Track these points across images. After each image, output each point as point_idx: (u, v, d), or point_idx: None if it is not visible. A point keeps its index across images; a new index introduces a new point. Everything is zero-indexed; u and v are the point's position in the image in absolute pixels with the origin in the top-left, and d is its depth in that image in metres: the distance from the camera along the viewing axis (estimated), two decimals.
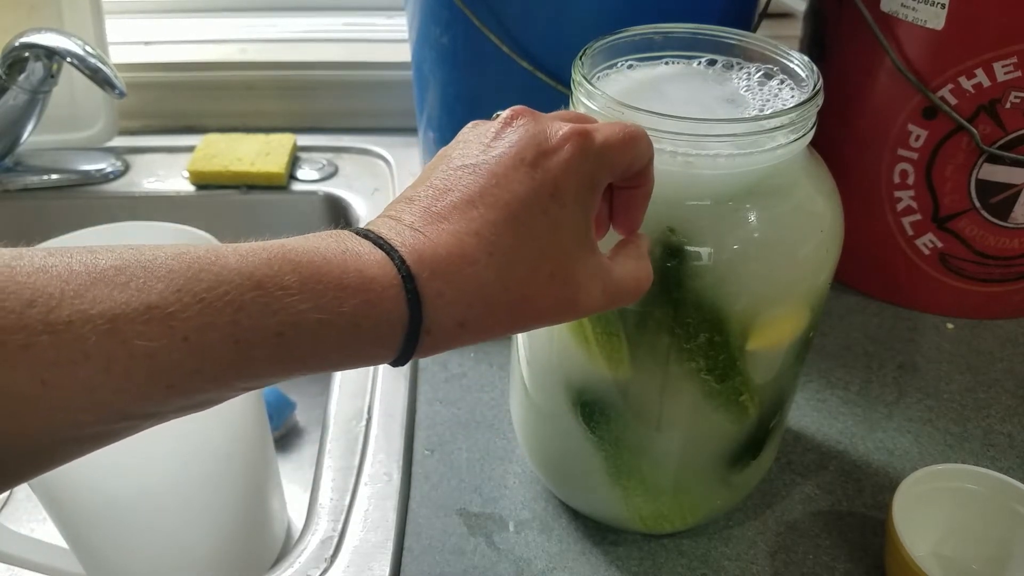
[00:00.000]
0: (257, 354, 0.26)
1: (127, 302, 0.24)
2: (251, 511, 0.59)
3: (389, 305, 0.28)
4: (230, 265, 0.26)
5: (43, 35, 0.70)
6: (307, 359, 0.28)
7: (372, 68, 0.91)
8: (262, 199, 0.83)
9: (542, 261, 0.31)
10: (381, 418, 0.58)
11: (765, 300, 0.40)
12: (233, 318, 0.26)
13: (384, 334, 0.29)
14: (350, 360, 0.29)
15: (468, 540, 0.50)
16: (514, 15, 0.59)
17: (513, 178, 0.31)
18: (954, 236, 0.65)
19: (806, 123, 0.39)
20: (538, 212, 0.31)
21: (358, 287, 0.28)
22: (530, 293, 0.31)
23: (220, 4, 1.00)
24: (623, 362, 0.42)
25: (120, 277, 0.25)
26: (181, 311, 0.25)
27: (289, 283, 0.27)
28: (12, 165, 0.81)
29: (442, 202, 0.31)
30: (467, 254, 0.29)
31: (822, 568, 0.49)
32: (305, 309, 0.27)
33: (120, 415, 0.25)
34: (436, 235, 0.30)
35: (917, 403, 0.60)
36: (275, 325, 0.26)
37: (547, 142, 0.32)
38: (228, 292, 0.26)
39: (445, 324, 0.30)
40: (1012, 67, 0.56)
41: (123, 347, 0.24)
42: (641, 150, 0.34)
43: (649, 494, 0.47)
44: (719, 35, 0.44)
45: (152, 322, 0.24)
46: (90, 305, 0.24)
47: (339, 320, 0.27)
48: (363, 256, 0.29)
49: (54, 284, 0.24)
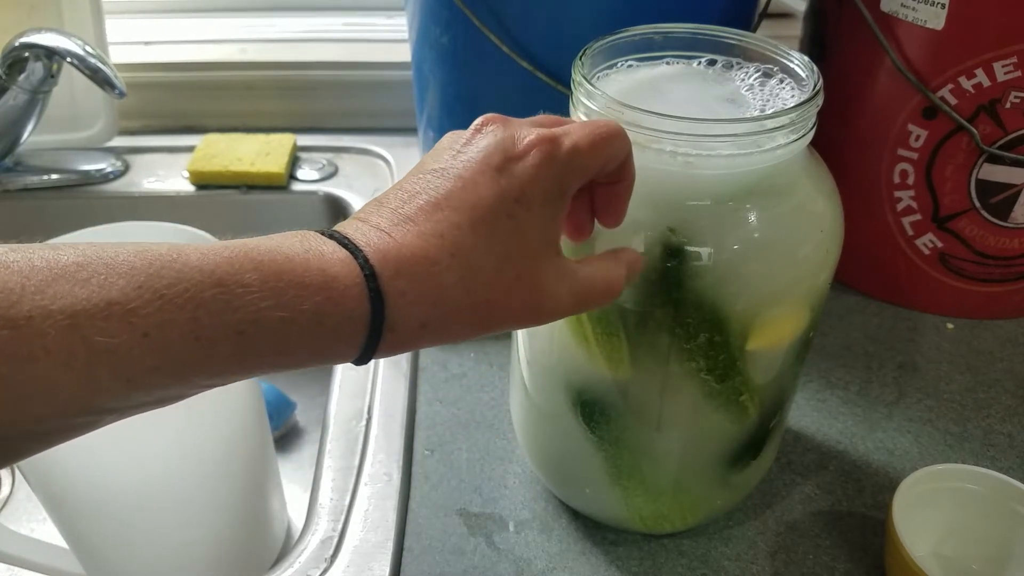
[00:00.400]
0: (218, 351, 0.27)
1: (88, 298, 0.25)
2: (251, 511, 0.59)
3: (352, 303, 0.29)
4: (191, 263, 0.26)
5: (43, 35, 0.70)
6: (269, 356, 0.28)
7: (372, 68, 0.91)
8: (262, 199, 0.83)
9: (506, 264, 0.31)
10: (381, 418, 0.58)
11: (765, 300, 0.41)
12: (193, 315, 0.26)
13: (346, 332, 0.29)
14: (313, 357, 0.29)
15: (468, 540, 0.50)
16: (514, 15, 0.59)
17: (479, 182, 0.31)
18: (954, 236, 0.65)
19: (806, 123, 0.39)
20: (503, 216, 0.31)
21: (320, 285, 0.28)
22: (493, 296, 0.31)
23: (220, 4, 1.00)
24: (623, 362, 0.42)
25: (81, 273, 0.25)
26: (142, 307, 0.25)
27: (250, 280, 0.27)
28: (12, 165, 0.81)
29: (410, 205, 0.31)
30: (430, 255, 0.30)
31: (822, 568, 0.49)
32: (266, 307, 0.27)
33: (80, 410, 0.25)
34: (401, 236, 0.30)
35: (917, 403, 0.60)
36: (236, 323, 0.26)
37: (514, 148, 0.32)
38: (188, 289, 0.26)
39: (407, 324, 0.30)
40: (1012, 67, 0.56)
41: (83, 343, 0.24)
42: (616, 148, 0.34)
43: (649, 494, 0.47)
44: (719, 35, 0.44)
45: (112, 318, 0.25)
46: (50, 301, 0.24)
47: (300, 318, 0.28)
48: (326, 255, 0.29)
49: (15, 280, 0.24)
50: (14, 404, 0.24)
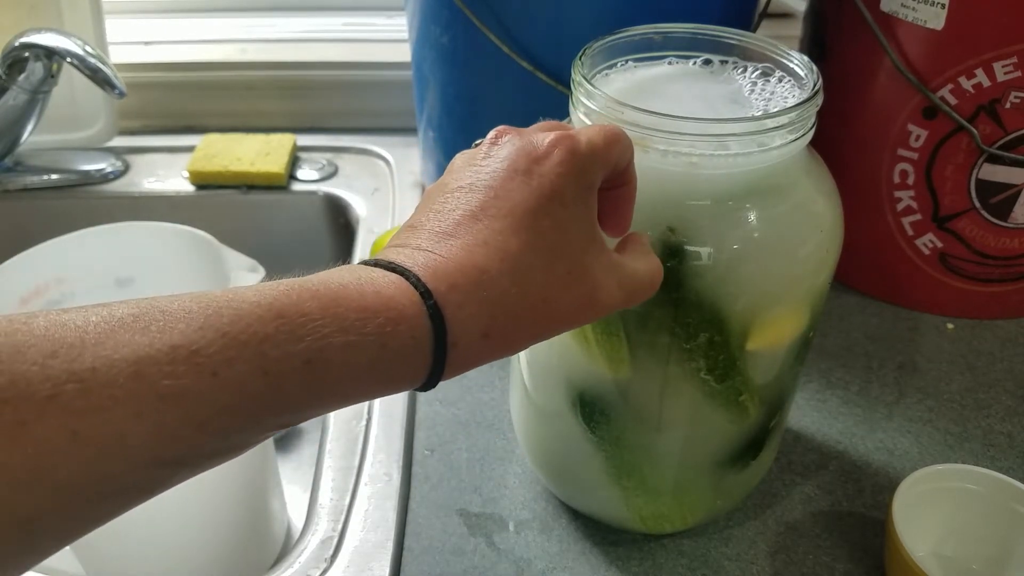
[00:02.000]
0: (288, 385, 0.26)
1: (150, 344, 0.24)
2: (251, 511, 0.59)
3: (412, 322, 0.28)
4: (248, 299, 0.26)
5: (43, 35, 0.70)
6: (338, 386, 0.27)
7: (372, 68, 0.91)
8: (262, 199, 0.83)
9: (555, 261, 0.31)
10: (381, 418, 0.58)
11: (765, 300, 0.40)
12: (259, 349, 0.25)
13: (411, 353, 0.28)
14: (382, 384, 0.29)
15: (468, 540, 0.50)
16: (514, 15, 0.59)
17: (511, 188, 0.31)
18: (954, 236, 0.65)
19: (806, 123, 0.39)
20: (541, 215, 0.31)
21: (379, 307, 0.28)
22: (549, 295, 0.31)
23: (220, 4, 1.00)
24: (623, 362, 0.42)
25: (139, 323, 0.25)
26: (206, 347, 0.25)
27: (310, 309, 0.26)
28: (12, 165, 0.81)
29: (446, 222, 0.31)
30: (479, 264, 0.30)
31: (822, 568, 0.49)
32: (330, 333, 0.26)
33: (153, 461, 0.24)
34: (446, 251, 0.30)
35: (917, 403, 0.60)
36: (302, 352, 0.26)
37: (536, 150, 0.32)
38: (251, 324, 0.25)
39: (470, 336, 0.30)
40: (1012, 67, 0.56)
41: (151, 389, 0.24)
42: (622, 149, 0.34)
43: (649, 494, 0.47)
44: (719, 35, 0.44)
45: (177, 361, 0.24)
46: (112, 351, 0.24)
47: (365, 342, 0.27)
48: (378, 280, 0.29)
49: (73, 335, 0.24)
50: (87, 461, 0.23)
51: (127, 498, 0.25)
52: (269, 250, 0.73)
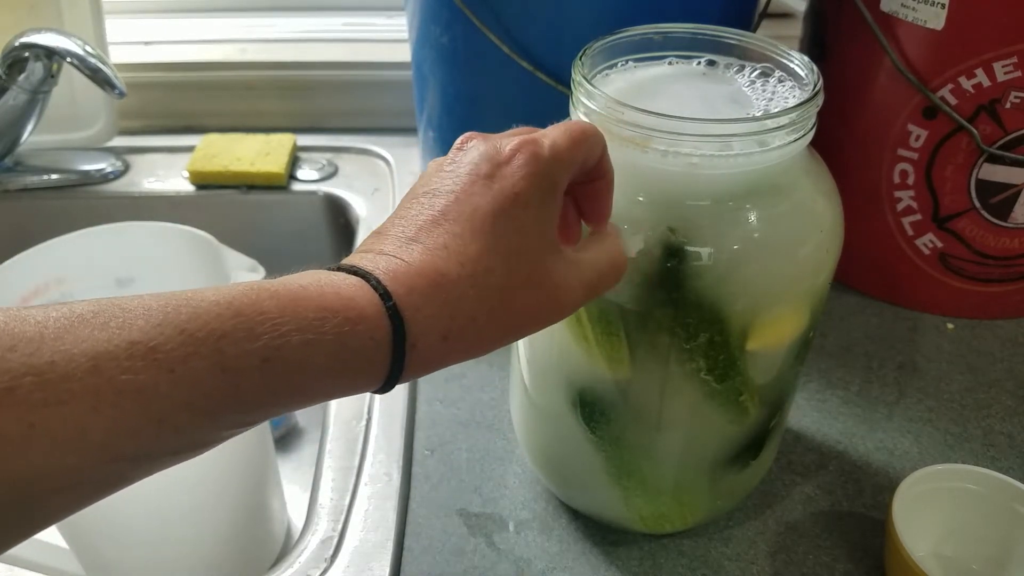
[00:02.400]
0: (245, 383, 0.26)
1: (108, 339, 0.24)
2: (251, 511, 0.60)
3: (372, 323, 0.29)
4: (208, 298, 0.26)
5: (43, 35, 0.70)
6: (296, 384, 0.28)
7: (372, 68, 0.91)
8: (262, 199, 0.83)
9: (515, 264, 0.32)
10: (381, 418, 0.58)
11: (765, 300, 0.40)
12: (217, 346, 0.26)
13: (370, 353, 0.29)
14: (339, 383, 0.29)
15: (468, 540, 0.50)
16: (514, 15, 0.59)
17: (473, 192, 0.32)
18: (954, 236, 0.65)
19: (806, 123, 0.39)
20: (502, 219, 0.31)
21: (338, 307, 0.28)
22: (509, 297, 0.31)
23: (220, 4, 1.00)
24: (623, 362, 0.42)
25: (98, 319, 0.25)
26: (164, 343, 0.25)
27: (268, 308, 0.27)
28: (12, 165, 0.81)
29: (410, 227, 0.32)
30: (438, 267, 0.30)
31: (822, 568, 0.49)
32: (288, 331, 0.27)
33: (111, 455, 0.25)
34: (408, 256, 0.30)
35: (917, 403, 0.60)
36: (260, 349, 0.26)
37: (499, 155, 0.33)
38: (209, 322, 0.26)
39: (429, 338, 0.30)
40: (1012, 67, 0.56)
41: (109, 384, 0.24)
42: (592, 145, 0.35)
43: (649, 494, 0.47)
44: (719, 35, 0.44)
45: (136, 357, 0.24)
46: (71, 345, 0.24)
47: (323, 340, 0.27)
48: (339, 283, 0.29)
49: (32, 329, 0.24)
50: (44, 454, 0.23)
51: (85, 493, 0.26)
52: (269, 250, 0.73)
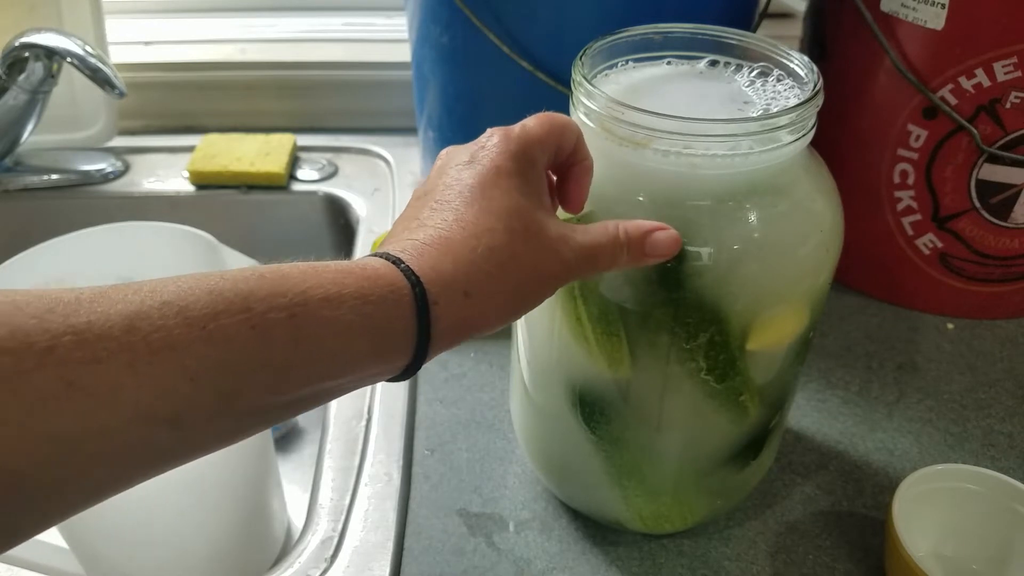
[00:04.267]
0: (275, 338, 0.27)
1: (142, 301, 0.25)
2: (251, 511, 0.59)
3: (391, 279, 0.30)
4: (231, 271, 0.28)
5: (43, 35, 0.70)
6: (325, 342, 0.28)
7: (372, 68, 0.91)
8: (262, 199, 0.83)
9: (512, 221, 0.33)
10: (381, 418, 0.58)
11: (765, 300, 0.40)
12: (245, 304, 0.27)
13: (392, 309, 0.30)
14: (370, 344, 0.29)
15: (468, 540, 0.50)
16: (514, 15, 0.59)
17: (459, 177, 0.34)
18: (954, 236, 0.65)
19: (806, 123, 0.39)
20: (489, 187, 0.34)
21: (355, 270, 0.30)
22: (516, 250, 0.33)
23: (220, 4, 1.00)
24: (623, 362, 0.42)
25: (131, 287, 0.26)
26: (194, 303, 0.26)
27: (290, 272, 0.28)
28: (12, 165, 0.81)
29: (412, 220, 0.34)
30: (443, 234, 0.32)
31: (822, 568, 0.49)
32: (309, 288, 0.28)
33: (145, 415, 0.25)
34: (414, 235, 0.32)
35: (917, 403, 0.60)
36: (286, 305, 0.27)
37: (476, 144, 0.36)
38: (236, 283, 0.27)
39: (451, 295, 0.31)
40: (1012, 67, 0.56)
41: (143, 341, 0.25)
42: (565, 132, 0.36)
43: (649, 494, 0.47)
44: (719, 35, 0.44)
45: (168, 316, 0.25)
46: (107, 307, 0.25)
47: (344, 295, 0.28)
48: (353, 261, 0.31)
49: (69, 295, 0.25)
50: (81, 412, 0.24)
51: (124, 462, 0.26)
52: (269, 250, 0.73)
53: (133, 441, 0.25)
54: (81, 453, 0.24)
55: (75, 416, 0.24)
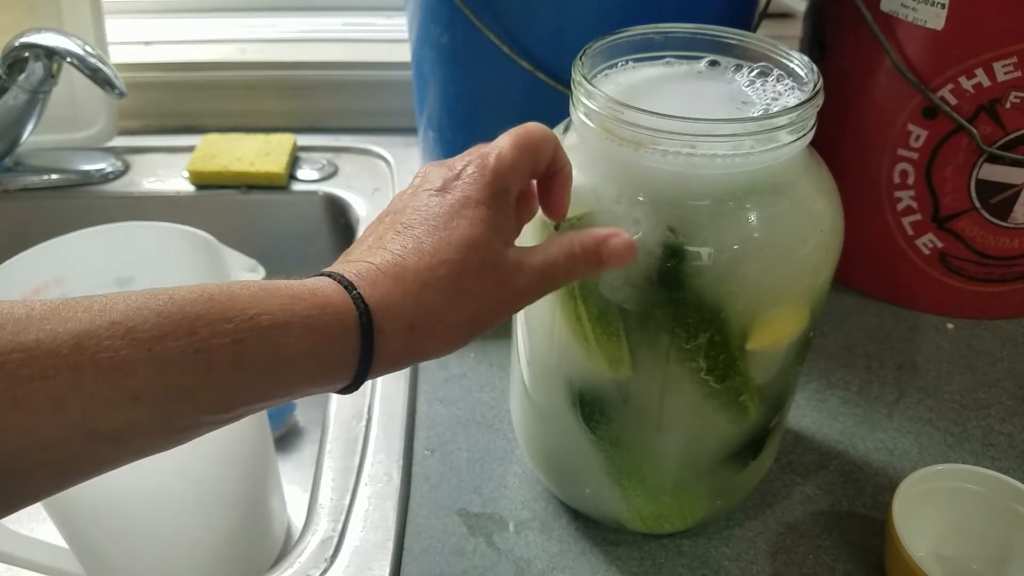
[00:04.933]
0: (218, 362, 0.27)
1: (91, 320, 0.26)
2: (251, 511, 0.60)
3: (338, 308, 0.30)
4: (184, 288, 0.28)
5: (43, 35, 0.70)
6: (268, 368, 0.29)
7: (372, 68, 0.91)
8: (262, 199, 0.83)
9: (470, 253, 0.33)
10: (381, 418, 0.58)
11: (765, 300, 0.40)
12: (191, 327, 0.27)
13: (338, 336, 0.30)
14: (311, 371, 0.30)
15: (468, 540, 0.50)
16: (514, 15, 0.59)
17: (427, 203, 0.34)
18: (954, 236, 0.65)
19: (806, 123, 0.39)
20: (455, 216, 0.34)
21: (305, 295, 0.30)
22: (468, 285, 0.33)
23: (220, 4, 1.00)
24: (623, 362, 0.42)
25: (82, 303, 0.27)
26: (142, 324, 0.26)
27: (240, 295, 0.29)
28: (12, 165, 0.81)
29: (375, 241, 0.34)
30: (399, 262, 0.32)
31: (822, 568, 0.49)
32: (257, 314, 0.28)
33: (89, 430, 0.26)
34: (372, 258, 0.33)
35: (917, 403, 0.60)
36: (232, 331, 0.28)
37: (451, 171, 0.35)
38: (184, 306, 0.27)
39: (396, 325, 0.31)
40: (1012, 67, 0.56)
41: (90, 360, 0.25)
42: (540, 149, 0.36)
43: (649, 494, 0.47)
44: (719, 35, 0.44)
45: (116, 336, 0.26)
46: (57, 324, 0.26)
47: (292, 322, 0.29)
48: (306, 282, 0.31)
49: (20, 310, 0.26)
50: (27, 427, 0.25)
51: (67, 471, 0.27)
52: (269, 250, 0.73)
53: (75, 453, 0.26)
54: (25, 462, 0.25)
55: (20, 430, 0.25)
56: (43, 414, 0.25)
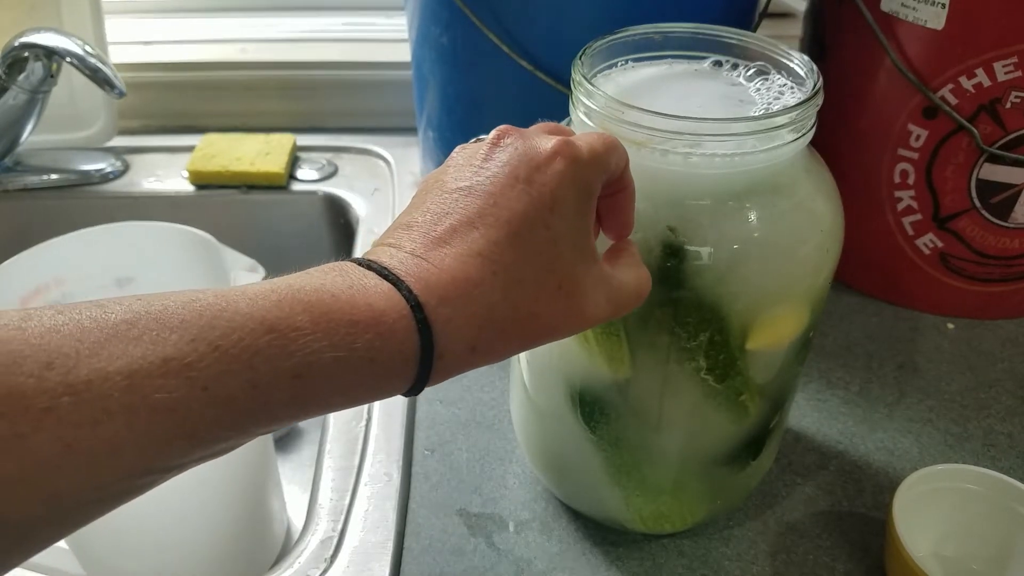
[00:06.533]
0: (276, 397, 0.26)
1: (143, 356, 0.24)
2: (251, 511, 0.59)
3: (401, 336, 0.28)
4: (242, 311, 0.26)
5: (43, 35, 0.70)
6: (324, 398, 0.28)
7: (372, 68, 0.91)
8: (262, 199, 0.83)
9: (548, 275, 0.31)
10: (381, 418, 0.58)
11: (765, 299, 0.40)
12: (250, 363, 0.25)
13: (398, 365, 0.29)
14: (366, 394, 0.29)
15: (468, 540, 0.50)
16: (514, 15, 0.59)
17: (510, 196, 0.31)
18: (954, 236, 0.65)
19: (806, 123, 0.39)
20: (539, 227, 0.31)
21: (369, 322, 0.28)
22: (538, 309, 0.31)
23: (220, 4, 1.00)
24: (623, 362, 0.42)
25: (132, 331, 0.25)
26: (198, 361, 0.25)
27: (302, 323, 0.26)
28: (12, 165, 0.81)
29: (441, 226, 0.31)
30: (471, 276, 0.29)
31: (822, 568, 0.49)
32: (319, 348, 0.27)
33: (143, 471, 0.25)
34: (439, 260, 0.30)
35: (917, 403, 0.60)
36: (292, 367, 0.26)
37: (538, 157, 0.32)
38: (243, 338, 0.26)
39: (457, 349, 0.30)
40: (1012, 67, 0.56)
41: (144, 402, 0.24)
42: (619, 155, 0.34)
43: (649, 494, 0.47)
44: (719, 35, 0.44)
45: (170, 375, 0.24)
46: (107, 362, 0.24)
47: (353, 356, 0.27)
48: (370, 289, 0.28)
49: (68, 344, 0.24)
50: (80, 471, 0.24)
51: (115, 503, 0.26)
52: (269, 250, 0.73)
53: (127, 488, 0.26)
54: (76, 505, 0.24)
55: (73, 475, 0.23)
56: (97, 459, 0.24)
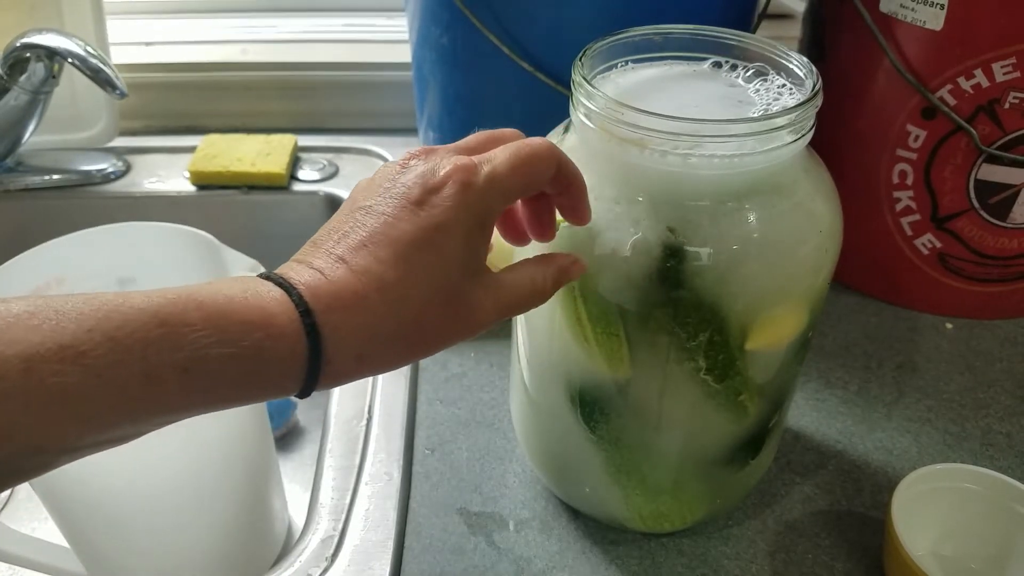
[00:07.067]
0: (166, 389, 0.28)
1: (41, 342, 0.26)
2: (252, 510, 0.60)
3: (290, 339, 0.30)
4: (137, 305, 0.28)
5: (44, 36, 0.70)
6: (215, 392, 0.29)
7: (372, 69, 0.91)
8: (263, 199, 0.83)
9: (434, 292, 0.33)
10: (381, 417, 0.58)
11: (764, 300, 0.41)
12: (142, 354, 0.27)
13: (287, 366, 0.30)
14: (257, 392, 0.31)
15: (468, 539, 0.50)
16: (514, 16, 0.59)
17: (401, 217, 0.33)
18: (953, 236, 0.65)
19: (805, 123, 0.39)
20: (424, 247, 0.32)
21: (260, 323, 0.29)
22: (423, 320, 0.33)
23: (221, 4, 1.00)
24: (623, 362, 0.42)
25: (33, 320, 0.26)
26: (92, 349, 0.26)
27: (193, 319, 0.28)
28: (13, 165, 0.82)
29: (341, 244, 0.33)
30: (359, 291, 0.31)
31: (821, 568, 0.49)
32: (209, 343, 0.28)
33: (36, 450, 0.26)
34: (334, 274, 0.32)
35: (916, 403, 0.60)
36: (182, 360, 0.28)
37: (432, 180, 0.33)
38: (136, 330, 0.27)
39: (344, 356, 0.31)
40: (1011, 68, 0.56)
41: (40, 385, 0.25)
42: (540, 168, 0.35)
43: (649, 493, 0.47)
44: (719, 36, 0.44)
45: (66, 361, 0.26)
46: (6, 347, 0.25)
47: (243, 354, 0.29)
48: (264, 295, 0.30)
49: None
50: None
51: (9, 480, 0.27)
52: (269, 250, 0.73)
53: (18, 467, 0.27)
54: None
55: None
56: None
